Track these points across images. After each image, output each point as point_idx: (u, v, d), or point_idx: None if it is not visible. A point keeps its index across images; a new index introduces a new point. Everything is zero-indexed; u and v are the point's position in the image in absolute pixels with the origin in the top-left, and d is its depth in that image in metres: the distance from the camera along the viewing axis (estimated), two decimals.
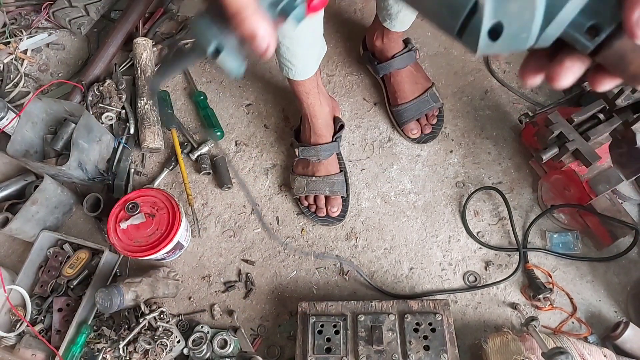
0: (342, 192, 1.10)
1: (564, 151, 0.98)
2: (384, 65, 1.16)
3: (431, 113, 1.17)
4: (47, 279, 1.04)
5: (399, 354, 0.89)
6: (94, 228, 1.15)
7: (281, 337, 1.03)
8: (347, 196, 1.12)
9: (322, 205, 1.10)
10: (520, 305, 1.02)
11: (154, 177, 1.18)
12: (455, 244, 1.09)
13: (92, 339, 1.00)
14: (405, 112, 1.16)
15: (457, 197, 1.13)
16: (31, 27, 1.37)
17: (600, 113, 0.99)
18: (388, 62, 1.15)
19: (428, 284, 1.06)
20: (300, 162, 1.13)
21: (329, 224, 1.11)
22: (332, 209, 1.09)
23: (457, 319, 1.01)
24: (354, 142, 1.20)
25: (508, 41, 0.30)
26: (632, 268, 1.04)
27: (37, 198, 1.03)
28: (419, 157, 1.18)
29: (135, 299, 0.95)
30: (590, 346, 0.89)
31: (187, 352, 0.98)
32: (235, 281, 1.08)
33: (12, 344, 1.00)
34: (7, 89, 1.30)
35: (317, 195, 1.10)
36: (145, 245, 0.96)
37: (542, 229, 1.09)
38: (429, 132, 1.17)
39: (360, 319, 0.93)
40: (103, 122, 1.20)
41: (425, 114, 1.17)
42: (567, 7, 0.29)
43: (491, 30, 0.30)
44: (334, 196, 1.10)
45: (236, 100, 1.27)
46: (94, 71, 1.25)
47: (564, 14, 0.30)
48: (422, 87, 1.17)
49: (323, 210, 1.10)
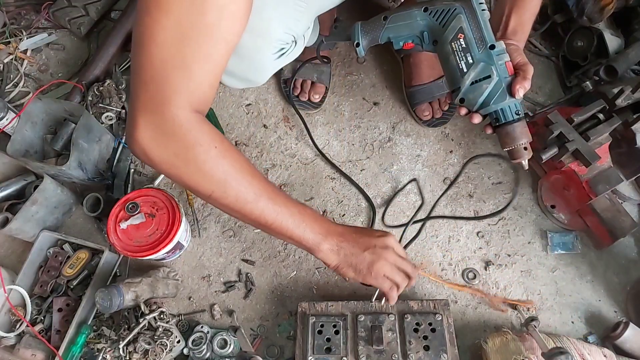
0: (327, 82, 1.22)
1: (563, 151, 0.98)
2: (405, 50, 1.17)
3: (444, 99, 1.19)
4: (47, 279, 1.04)
5: (398, 354, 0.89)
6: (94, 228, 1.15)
7: (281, 337, 1.03)
8: (328, 87, 1.23)
9: (307, 90, 1.20)
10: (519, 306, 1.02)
11: (154, 177, 1.18)
12: (455, 244, 1.09)
13: (92, 339, 1.00)
14: (418, 94, 1.18)
15: (457, 197, 1.13)
16: (31, 27, 1.37)
17: (600, 113, 0.99)
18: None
19: (428, 284, 1.06)
20: None
21: (308, 108, 1.21)
22: (314, 95, 1.20)
23: (457, 319, 1.01)
24: (354, 142, 1.20)
25: (466, 105, 0.78)
26: (632, 268, 1.04)
27: (37, 198, 1.03)
28: (419, 157, 1.18)
29: (135, 299, 0.95)
30: (590, 346, 0.89)
31: (187, 352, 0.98)
32: (235, 281, 1.08)
33: (12, 344, 1.00)
34: (7, 89, 1.30)
35: (305, 79, 1.19)
36: (145, 245, 0.96)
37: (542, 229, 1.09)
38: (439, 117, 1.19)
39: (360, 319, 0.93)
40: (103, 122, 1.20)
41: (438, 99, 1.18)
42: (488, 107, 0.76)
43: (459, 101, 0.78)
44: (320, 84, 1.20)
45: (236, 100, 1.26)
46: (93, 71, 1.25)
47: (487, 108, 0.76)
48: (438, 72, 1.18)
49: (306, 94, 1.20)
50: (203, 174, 0.69)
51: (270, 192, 0.74)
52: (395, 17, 0.81)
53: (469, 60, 0.74)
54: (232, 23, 0.64)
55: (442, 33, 0.76)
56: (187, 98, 0.65)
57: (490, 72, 0.73)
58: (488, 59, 0.73)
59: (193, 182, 0.71)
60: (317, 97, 1.21)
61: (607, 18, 1.11)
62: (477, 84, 0.74)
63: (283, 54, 0.91)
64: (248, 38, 0.71)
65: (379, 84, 1.25)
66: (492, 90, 0.74)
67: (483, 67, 0.73)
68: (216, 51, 0.64)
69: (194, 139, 0.66)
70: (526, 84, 0.73)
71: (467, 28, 0.74)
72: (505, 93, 0.74)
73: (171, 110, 0.64)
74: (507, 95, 0.74)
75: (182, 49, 0.61)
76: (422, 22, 0.79)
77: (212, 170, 0.69)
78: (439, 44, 0.78)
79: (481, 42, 0.74)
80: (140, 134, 0.65)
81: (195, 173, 0.69)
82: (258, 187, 0.73)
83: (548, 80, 1.24)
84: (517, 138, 0.76)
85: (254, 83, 1.01)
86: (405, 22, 0.80)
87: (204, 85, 0.66)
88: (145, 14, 0.61)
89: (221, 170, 0.69)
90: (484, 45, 0.73)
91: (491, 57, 0.73)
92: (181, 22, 0.60)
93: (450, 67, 0.76)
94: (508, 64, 0.74)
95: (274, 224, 0.76)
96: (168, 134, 0.65)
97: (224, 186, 0.71)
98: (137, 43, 0.63)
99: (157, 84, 0.63)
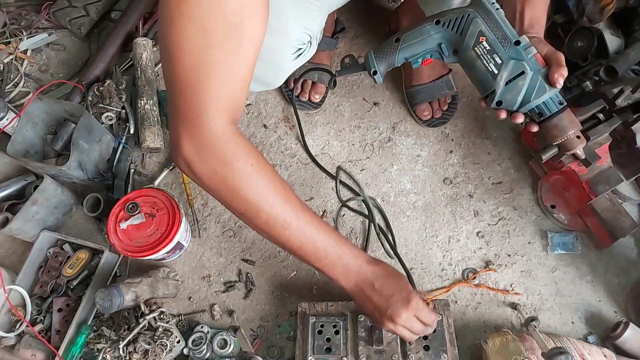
0: (327, 82, 1.21)
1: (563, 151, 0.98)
2: None
3: (444, 99, 1.19)
4: (47, 279, 1.04)
5: (398, 354, 0.89)
6: (94, 228, 1.15)
7: (281, 338, 1.03)
8: (328, 88, 1.23)
9: (307, 90, 1.20)
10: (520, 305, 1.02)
11: (154, 177, 1.18)
12: (455, 244, 1.09)
13: (92, 339, 1.00)
14: (418, 94, 1.18)
15: (457, 197, 1.13)
16: (31, 27, 1.37)
17: (600, 113, 0.99)
18: None
19: (428, 284, 1.06)
20: None
21: (308, 108, 1.21)
22: (315, 95, 1.20)
23: (457, 319, 1.01)
24: (354, 142, 1.20)
25: (505, 107, 0.73)
26: (632, 268, 1.04)
27: (37, 198, 1.03)
28: (419, 157, 1.18)
29: (135, 299, 0.95)
30: (590, 346, 0.89)
31: (187, 352, 0.98)
32: (235, 281, 1.08)
33: (12, 344, 1.00)
34: (7, 89, 1.30)
35: (306, 80, 1.20)
36: (145, 246, 0.96)
37: (542, 229, 1.09)
38: (439, 117, 1.19)
39: (360, 319, 0.93)
40: (103, 122, 1.20)
41: (438, 99, 1.18)
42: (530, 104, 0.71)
43: (496, 104, 0.73)
44: (320, 84, 1.20)
45: None
46: (94, 71, 1.25)
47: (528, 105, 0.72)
48: (438, 72, 1.18)
49: (306, 94, 1.20)
50: (237, 192, 0.69)
51: (304, 219, 0.73)
52: (408, 37, 0.77)
53: (497, 61, 0.71)
54: (255, 20, 0.64)
55: (461, 41, 0.73)
56: (222, 105, 0.65)
57: (523, 68, 0.69)
58: (517, 55, 0.70)
59: (228, 198, 0.71)
60: (317, 97, 1.21)
61: (607, 18, 1.11)
62: (512, 83, 0.70)
63: (300, 54, 0.90)
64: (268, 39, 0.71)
65: (379, 84, 1.25)
66: (529, 86, 0.70)
67: (514, 64, 0.70)
68: (243, 51, 0.65)
69: (232, 153, 0.66)
70: (563, 71, 0.69)
71: (487, 30, 0.71)
72: (544, 85, 0.70)
73: (209, 121, 0.64)
74: (546, 87, 0.70)
75: (211, 52, 0.62)
76: (438, 35, 0.75)
77: (246, 189, 0.69)
78: (460, 52, 0.74)
79: (505, 40, 0.70)
80: (184, 148, 0.66)
81: (230, 190, 0.69)
82: (291, 212, 0.72)
83: None
84: (566, 128, 0.72)
85: (271, 85, 1.00)
86: (419, 40, 0.77)
87: (235, 89, 0.67)
88: (170, 24, 0.62)
89: (255, 191, 0.69)
90: (509, 43, 0.70)
91: (519, 52, 0.70)
92: (205, 26, 0.61)
93: (479, 72, 0.73)
94: (537, 55, 0.71)
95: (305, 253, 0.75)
96: (207, 147, 0.66)
97: (257, 207, 0.70)
98: (167, 54, 0.64)
99: (192, 92, 0.64)
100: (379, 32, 1.29)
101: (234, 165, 0.67)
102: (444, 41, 0.76)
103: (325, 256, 0.76)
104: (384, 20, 1.28)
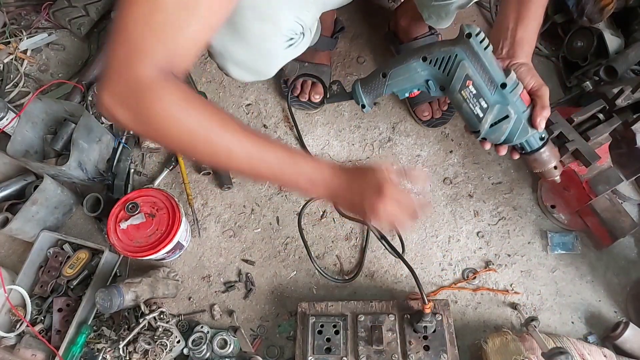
0: (327, 82, 1.20)
1: (563, 151, 0.97)
2: (406, 45, 1.18)
3: (443, 99, 1.19)
4: (47, 279, 1.04)
5: (398, 354, 0.89)
6: (94, 228, 1.15)
7: (281, 338, 1.03)
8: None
9: (307, 90, 1.20)
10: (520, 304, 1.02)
11: (154, 177, 1.18)
12: (455, 244, 1.09)
13: (92, 339, 1.00)
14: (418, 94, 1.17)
15: (457, 197, 1.13)
16: (31, 27, 1.37)
17: (600, 113, 0.99)
18: (409, 43, 1.18)
19: (428, 284, 1.06)
20: None
21: (308, 108, 1.21)
22: (315, 95, 1.20)
23: (457, 319, 1.01)
24: (354, 142, 1.20)
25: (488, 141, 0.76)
26: (631, 268, 1.04)
27: (37, 198, 1.03)
28: (419, 157, 1.18)
29: (135, 299, 0.95)
30: (590, 346, 0.89)
31: (187, 352, 0.98)
32: (235, 281, 1.08)
33: (12, 344, 1.00)
34: (7, 89, 1.30)
35: (306, 80, 1.20)
36: (145, 245, 0.96)
37: (542, 229, 1.09)
38: (439, 117, 1.19)
39: (360, 319, 0.93)
40: (103, 122, 1.20)
41: (438, 99, 1.18)
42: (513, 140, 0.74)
43: (481, 139, 0.76)
44: (320, 84, 1.17)
45: (236, 101, 1.27)
46: (94, 71, 1.25)
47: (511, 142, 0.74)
48: None
49: (306, 95, 1.20)
50: (167, 133, 0.67)
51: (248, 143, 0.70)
52: (395, 73, 0.76)
53: (483, 105, 0.71)
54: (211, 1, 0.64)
55: (448, 82, 0.72)
56: (155, 61, 0.64)
57: (508, 112, 0.70)
58: (502, 98, 0.70)
59: (160, 140, 0.70)
60: (317, 98, 1.21)
61: (607, 18, 1.11)
62: (496, 126, 0.72)
63: (292, 44, 0.89)
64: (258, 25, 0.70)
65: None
66: (512, 128, 0.71)
67: (499, 108, 0.71)
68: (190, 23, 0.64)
69: (155, 96, 0.64)
70: (545, 112, 0.71)
71: (474, 73, 0.70)
72: (527, 127, 0.72)
73: (136, 70, 0.63)
74: (529, 130, 0.72)
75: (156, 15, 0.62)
76: (424, 73, 0.74)
77: (175, 129, 0.67)
78: (447, 90, 0.74)
79: (491, 83, 0.70)
80: (104, 94, 0.65)
81: (159, 132, 0.67)
82: (231, 139, 0.69)
83: (548, 81, 1.23)
84: (545, 162, 0.76)
85: (263, 75, 0.97)
86: (406, 76, 0.76)
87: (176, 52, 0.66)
88: None
89: (185, 129, 0.67)
90: (495, 87, 0.70)
91: (505, 96, 0.70)
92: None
93: (465, 113, 0.73)
94: (523, 95, 0.71)
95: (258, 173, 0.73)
96: (129, 93, 0.64)
97: (191, 144, 0.68)
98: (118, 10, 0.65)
99: (129, 46, 0.64)
100: (378, 32, 1.29)
101: (156, 107, 0.64)
102: (432, 78, 0.75)
103: (283, 175, 0.73)
104: (384, 20, 1.28)
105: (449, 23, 1.11)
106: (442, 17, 1.07)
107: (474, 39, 0.68)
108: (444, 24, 1.11)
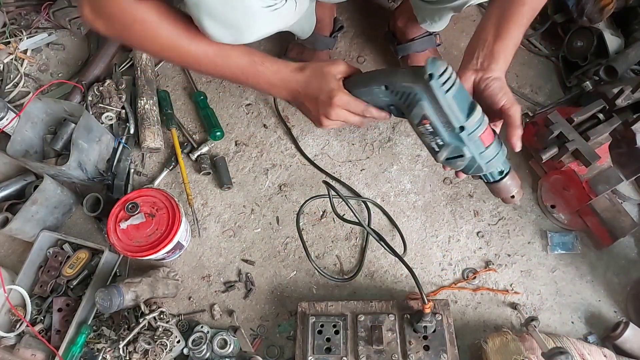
0: None
1: (563, 151, 0.98)
2: (404, 46, 1.18)
3: None
4: (47, 279, 1.04)
5: (398, 354, 0.89)
6: (94, 228, 1.15)
7: (281, 337, 1.03)
8: None
9: None
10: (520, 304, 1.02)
11: (154, 177, 1.18)
12: (455, 244, 1.09)
13: (92, 339, 1.00)
14: None
15: (457, 197, 1.13)
16: (31, 27, 1.37)
17: (600, 113, 0.99)
18: (407, 43, 1.18)
19: (428, 284, 1.06)
20: (296, 48, 1.22)
21: None
22: None
23: (457, 319, 1.01)
24: (354, 142, 1.20)
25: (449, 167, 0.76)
26: (631, 268, 1.04)
27: (37, 198, 1.03)
28: (418, 157, 1.18)
29: (135, 299, 0.95)
30: (590, 346, 0.89)
31: (187, 352, 0.98)
32: (235, 281, 1.08)
33: (12, 344, 1.00)
34: (7, 89, 1.30)
35: None
36: (145, 245, 0.96)
37: (542, 229, 1.09)
38: None
39: (360, 319, 0.93)
40: (103, 122, 1.20)
41: None
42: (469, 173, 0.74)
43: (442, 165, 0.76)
44: None
45: (236, 100, 1.26)
46: (94, 71, 1.25)
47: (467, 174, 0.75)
48: None
49: None
50: (147, 46, 0.78)
51: (212, 53, 0.78)
52: (359, 92, 0.76)
53: (439, 142, 0.71)
54: None
55: (407, 114, 0.71)
56: None
57: (463, 152, 0.70)
58: (458, 141, 0.69)
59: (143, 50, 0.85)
60: None
61: (607, 18, 1.11)
62: (451, 160, 0.72)
63: (272, 5, 0.83)
64: None
65: None
66: (467, 165, 0.72)
67: (454, 147, 0.70)
68: None
69: (132, 17, 0.72)
70: (518, 132, 0.72)
71: (432, 114, 0.68)
72: (482, 167, 0.71)
73: None
74: (483, 168, 0.72)
75: None
76: (386, 99, 0.74)
77: (149, 43, 0.77)
78: (407, 119, 0.73)
79: (448, 125, 0.68)
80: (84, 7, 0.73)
81: (141, 45, 0.78)
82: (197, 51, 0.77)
83: (548, 80, 1.24)
84: (505, 192, 0.77)
85: (240, 33, 0.91)
86: (369, 98, 0.75)
87: None
88: None
89: (158, 44, 0.76)
90: (452, 129, 0.68)
91: (461, 139, 0.68)
92: None
93: (424, 142, 0.73)
94: (484, 135, 0.69)
95: (223, 77, 0.83)
96: (107, 14, 0.73)
97: (164, 54, 0.79)
98: None
99: None
100: (378, 31, 1.29)
101: (135, 26, 0.73)
102: (393, 104, 0.74)
103: (247, 77, 0.81)
104: (383, 20, 1.28)
105: (443, 26, 1.11)
106: (435, 21, 1.07)
107: (435, 82, 0.64)
108: (437, 27, 1.11)
